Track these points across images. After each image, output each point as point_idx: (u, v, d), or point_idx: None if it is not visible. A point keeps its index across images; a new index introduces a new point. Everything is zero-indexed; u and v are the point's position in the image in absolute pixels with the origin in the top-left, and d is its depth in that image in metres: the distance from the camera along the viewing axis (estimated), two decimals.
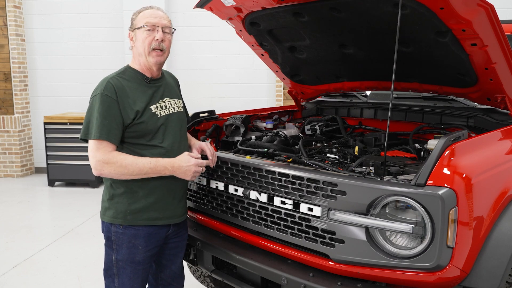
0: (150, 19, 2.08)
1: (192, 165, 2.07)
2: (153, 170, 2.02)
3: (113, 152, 1.99)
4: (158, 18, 2.10)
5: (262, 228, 2.15)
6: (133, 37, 2.13)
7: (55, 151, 6.46)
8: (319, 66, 2.99)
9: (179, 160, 2.07)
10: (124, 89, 2.04)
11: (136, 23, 2.11)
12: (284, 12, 2.46)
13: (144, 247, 2.11)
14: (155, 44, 2.07)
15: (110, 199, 2.11)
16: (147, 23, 2.07)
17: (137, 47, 2.11)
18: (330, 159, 2.27)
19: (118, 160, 1.97)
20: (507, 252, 1.77)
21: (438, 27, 2.07)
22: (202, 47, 6.93)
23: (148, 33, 2.07)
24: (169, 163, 2.05)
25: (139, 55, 2.11)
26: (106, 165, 1.97)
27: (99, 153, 1.97)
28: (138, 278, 2.13)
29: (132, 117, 2.02)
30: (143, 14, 2.11)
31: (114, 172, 1.99)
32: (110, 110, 1.98)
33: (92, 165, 2.00)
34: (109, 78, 2.06)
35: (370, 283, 1.84)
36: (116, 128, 1.99)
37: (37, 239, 4.49)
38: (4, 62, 7.02)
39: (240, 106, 6.63)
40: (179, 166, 2.06)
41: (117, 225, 2.09)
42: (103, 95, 1.99)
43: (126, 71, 2.13)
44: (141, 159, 2.01)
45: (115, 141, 2.00)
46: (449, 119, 2.63)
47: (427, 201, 1.64)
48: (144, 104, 2.07)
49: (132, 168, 1.98)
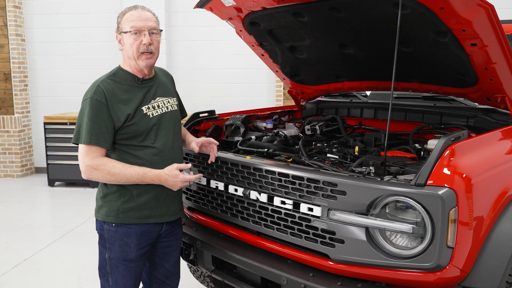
0: (135, 22, 2.02)
1: (179, 181, 2.07)
2: (140, 180, 2.03)
3: (102, 159, 1.99)
4: (143, 21, 2.03)
5: (262, 228, 2.15)
6: (120, 39, 2.08)
7: (55, 151, 6.46)
8: (319, 66, 2.99)
9: (167, 174, 2.05)
10: (114, 92, 2.02)
11: (122, 27, 2.05)
12: (284, 12, 2.46)
13: (136, 245, 2.11)
14: (143, 48, 2.04)
15: (103, 197, 2.12)
16: (132, 27, 2.02)
17: (125, 50, 2.07)
18: (330, 159, 2.27)
19: (106, 168, 1.98)
20: (507, 252, 1.77)
21: (438, 27, 2.07)
22: (202, 47, 6.92)
23: (135, 37, 2.02)
24: (156, 177, 2.04)
25: (129, 59, 2.08)
26: (95, 170, 1.98)
27: (87, 158, 1.98)
28: (131, 276, 2.14)
29: (123, 120, 2.01)
30: (128, 17, 2.04)
31: (102, 178, 2.01)
32: (99, 115, 1.97)
33: (81, 169, 2.02)
34: (100, 82, 2.03)
35: (370, 283, 1.84)
36: (106, 132, 1.99)
37: (37, 239, 4.49)
38: (4, 62, 7.02)
39: (240, 106, 6.63)
40: (166, 180, 2.05)
41: (110, 223, 2.10)
42: (93, 99, 1.98)
43: (117, 73, 2.11)
44: (129, 168, 2.00)
45: (105, 145, 2.00)
46: (449, 119, 2.63)
47: (427, 201, 1.64)
48: (135, 105, 2.06)
49: (120, 177, 1.99)
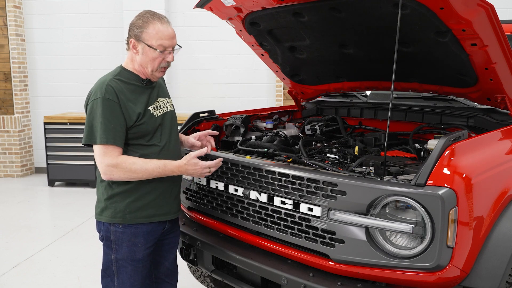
0: (165, 42, 2.01)
1: (199, 168, 2.11)
2: (161, 174, 2.06)
3: (121, 157, 2.00)
4: (171, 40, 2.04)
5: (262, 228, 2.15)
6: (137, 47, 2.04)
7: (55, 151, 6.45)
8: (319, 66, 2.99)
9: (185, 164, 2.08)
10: (123, 91, 2.03)
11: (147, 38, 2.00)
12: (284, 12, 2.46)
13: (143, 245, 2.12)
14: (165, 64, 2.08)
15: (108, 199, 2.11)
16: (161, 46, 2.01)
17: (143, 60, 2.05)
18: (330, 159, 2.27)
19: (127, 165, 1.98)
20: (507, 252, 1.77)
21: (438, 27, 2.07)
22: (202, 47, 6.92)
23: (160, 54, 2.03)
24: (177, 168, 2.07)
25: (142, 67, 2.08)
26: (115, 169, 1.98)
27: (107, 158, 1.97)
28: (138, 276, 2.14)
29: (134, 119, 2.02)
30: (155, 31, 2.00)
31: (124, 176, 2.01)
32: (113, 114, 1.98)
33: (101, 170, 2.01)
34: (108, 81, 2.02)
35: (370, 283, 1.84)
36: (121, 131, 1.99)
37: (37, 239, 4.49)
38: (4, 62, 7.02)
39: (240, 106, 6.63)
40: (186, 170, 2.09)
41: (116, 224, 2.10)
42: (105, 98, 1.97)
43: (121, 73, 2.09)
44: (149, 163, 2.02)
45: (121, 144, 2.00)
46: (449, 119, 2.63)
47: (427, 201, 1.64)
48: (144, 105, 2.08)
49: (142, 172, 2.01)
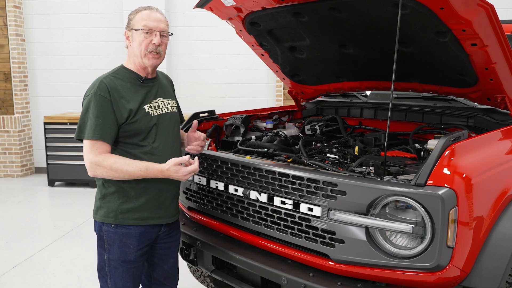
0: (148, 22, 2.05)
1: (181, 175, 2.01)
2: (144, 176, 2.00)
3: (104, 155, 1.98)
4: (156, 22, 2.07)
5: (262, 228, 2.15)
6: (129, 36, 2.10)
7: (55, 151, 6.45)
8: (319, 66, 2.99)
9: (168, 170, 2.00)
10: (117, 88, 2.03)
11: (134, 24, 2.07)
12: (284, 12, 2.46)
13: (135, 246, 2.10)
14: (152, 47, 2.06)
15: (101, 198, 2.12)
16: (145, 26, 2.04)
17: (133, 47, 2.08)
18: (330, 159, 2.28)
19: (108, 164, 1.96)
20: (507, 252, 1.77)
21: (438, 27, 2.07)
22: (202, 47, 6.92)
23: (145, 36, 2.05)
24: (159, 172, 2.00)
25: (135, 56, 2.09)
26: (98, 167, 1.98)
27: (91, 155, 1.97)
28: (130, 277, 2.13)
29: (125, 116, 2.01)
30: (141, 15, 2.07)
31: (106, 174, 1.99)
32: (103, 110, 1.98)
33: (86, 166, 2.01)
34: (102, 78, 2.04)
35: (370, 283, 1.84)
36: (110, 128, 1.98)
37: (37, 239, 4.49)
38: (4, 62, 7.02)
39: (240, 106, 6.63)
40: (169, 175, 2.01)
41: (109, 224, 2.09)
42: (96, 94, 1.98)
43: (119, 71, 2.12)
44: (131, 164, 1.98)
45: (109, 140, 1.99)
46: (449, 119, 2.63)
47: (427, 201, 1.64)
48: (138, 103, 2.06)
49: (123, 173, 1.97)
